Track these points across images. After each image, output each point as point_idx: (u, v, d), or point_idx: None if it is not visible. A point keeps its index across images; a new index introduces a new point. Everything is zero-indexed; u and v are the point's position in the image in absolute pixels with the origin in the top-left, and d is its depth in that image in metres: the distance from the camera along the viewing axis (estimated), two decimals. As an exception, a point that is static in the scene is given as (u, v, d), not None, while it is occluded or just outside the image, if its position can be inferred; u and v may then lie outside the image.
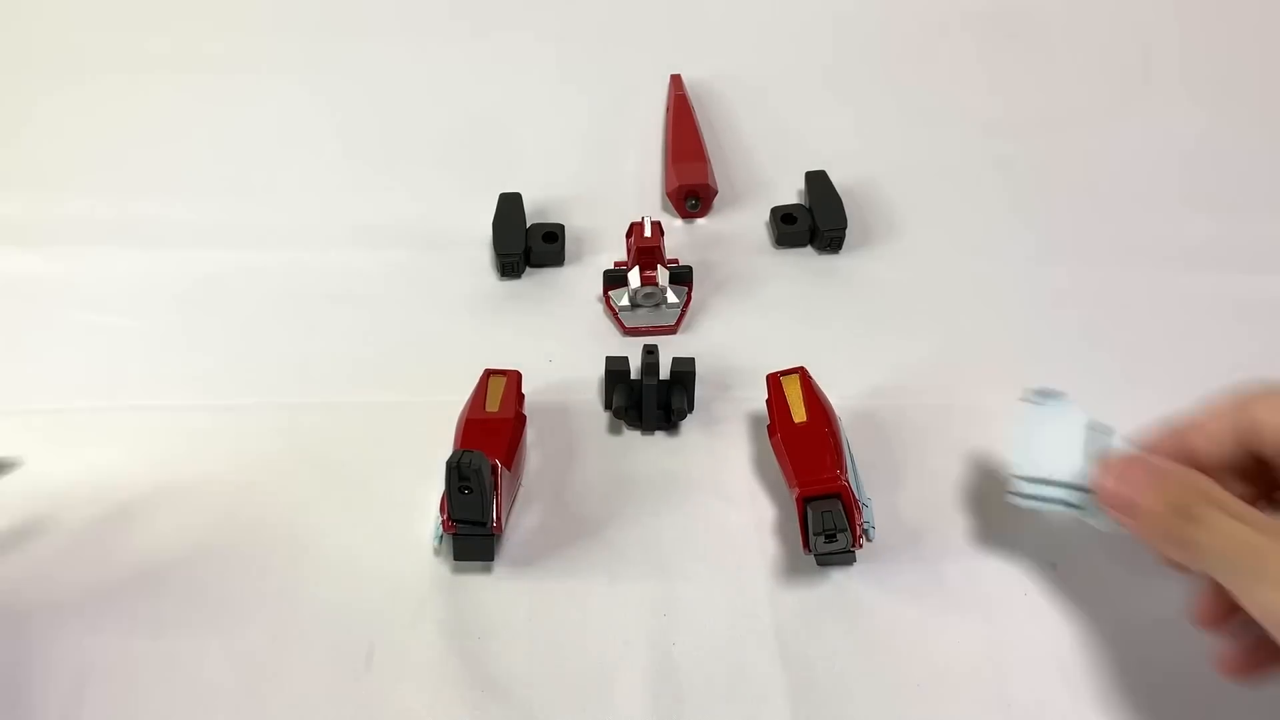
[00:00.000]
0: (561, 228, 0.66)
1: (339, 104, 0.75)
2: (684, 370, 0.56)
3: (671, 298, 0.61)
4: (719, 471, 0.56)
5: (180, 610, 0.51)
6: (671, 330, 0.62)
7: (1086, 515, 0.47)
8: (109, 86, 0.76)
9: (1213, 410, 0.43)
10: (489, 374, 0.56)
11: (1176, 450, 0.44)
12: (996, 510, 0.54)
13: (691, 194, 0.67)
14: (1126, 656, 0.50)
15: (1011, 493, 0.48)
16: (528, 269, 0.65)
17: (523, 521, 0.54)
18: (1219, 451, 0.43)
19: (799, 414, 0.53)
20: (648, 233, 0.61)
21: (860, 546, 0.51)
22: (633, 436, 0.58)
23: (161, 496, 0.55)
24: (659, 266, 0.61)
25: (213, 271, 0.65)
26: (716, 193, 0.68)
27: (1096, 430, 0.47)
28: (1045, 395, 0.50)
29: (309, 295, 0.64)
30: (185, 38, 0.79)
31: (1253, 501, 0.41)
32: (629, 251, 0.62)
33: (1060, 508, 0.47)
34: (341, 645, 0.50)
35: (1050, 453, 0.47)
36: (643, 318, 0.62)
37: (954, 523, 0.54)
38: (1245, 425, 0.42)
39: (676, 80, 0.75)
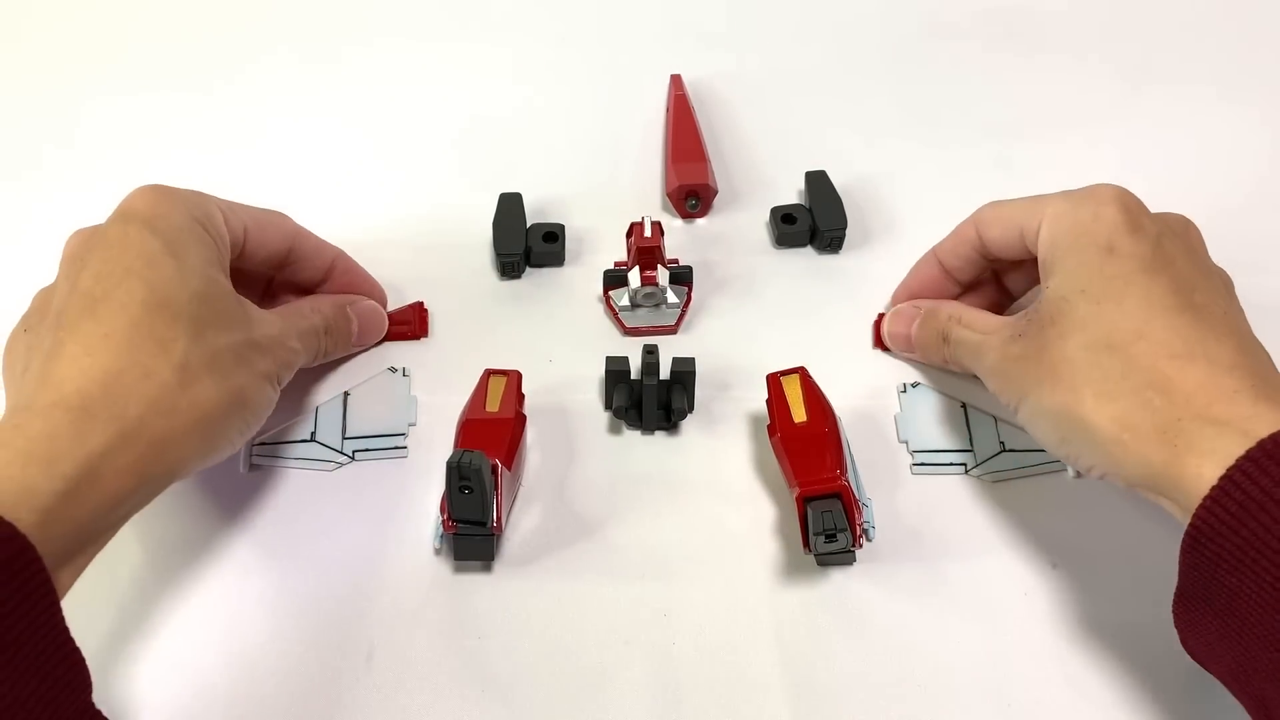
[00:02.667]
0: (561, 228, 0.66)
1: (339, 104, 0.75)
2: (684, 370, 0.56)
3: (671, 298, 0.61)
4: (719, 471, 0.56)
5: (180, 609, 0.51)
6: (671, 330, 0.62)
7: (975, 473, 0.56)
8: (109, 85, 0.76)
9: (955, 231, 0.56)
10: (489, 374, 0.56)
11: (932, 269, 0.58)
12: (996, 510, 0.54)
13: (691, 194, 0.67)
14: (1126, 656, 0.50)
15: (913, 464, 0.56)
16: (528, 269, 0.65)
17: (523, 521, 0.54)
18: (962, 264, 0.56)
19: (799, 414, 0.53)
20: (648, 233, 0.61)
21: (860, 546, 0.51)
22: (633, 436, 0.58)
23: (160, 496, 0.55)
24: (659, 266, 0.61)
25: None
26: (716, 193, 0.68)
27: (976, 412, 0.58)
28: (913, 386, 0.59)
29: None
30: (185, 37, 0.79)
31: (995, 304, 0.58)
32: (629, 251, 0.62)
33: (952, 470, 0.56)
34: (341, 645, 0.50)
35: (936, 429, 0.57)
36: (643, 318, 0.62)
37: (954, 523, 0.54)
38: (974, 235, 0.54)
39: (676, 80, 0.75)
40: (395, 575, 0.52)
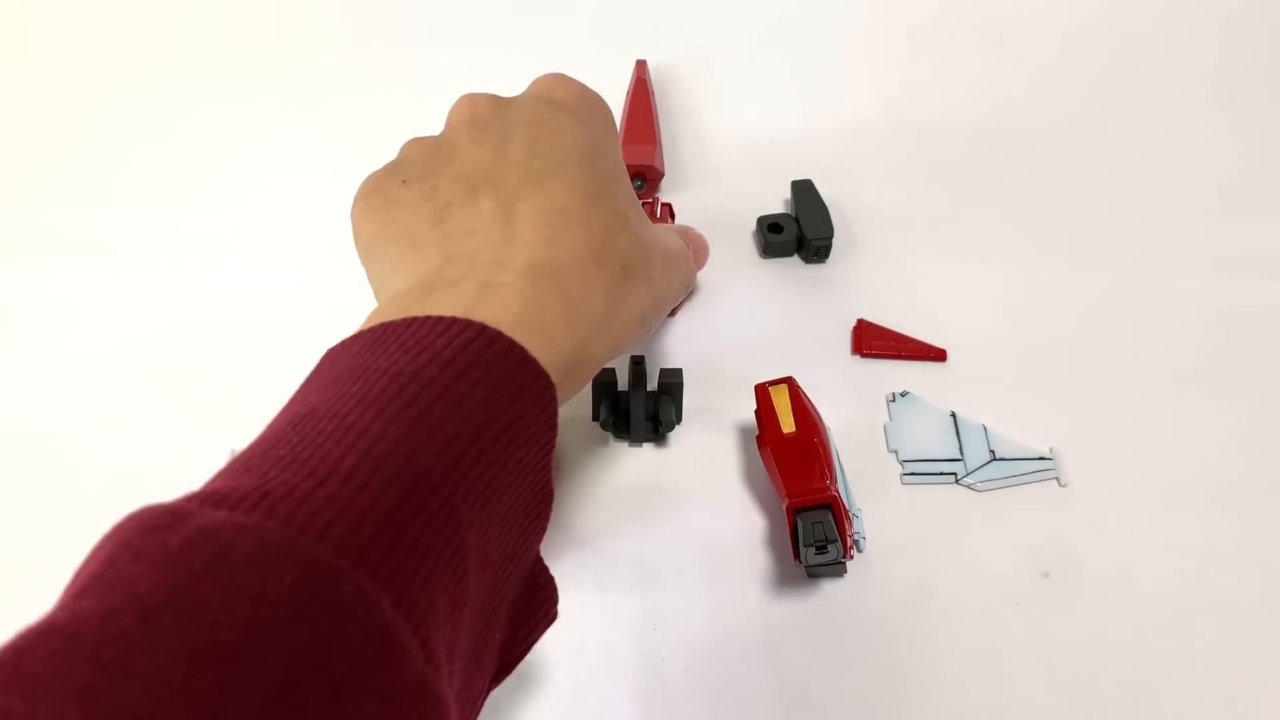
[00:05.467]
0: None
1: (332, 108, 0.74)
2: (672, 381, 0.56)
3: None
4: (708, 483, 0.56)
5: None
6: (670, 314, 0.62)
7: (965, 482, 0.55)
8: (91, 93, 0.75)
9: None
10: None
11: None
12: (987, 519, 0.54)
13: (638, 174, 0.67)
14: (1120, 665, 0.49)
15: (903, 474, 0.56)
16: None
17: (510, 535, 0.54)
18: None
19: (788, 424, 0.53)
20: (657, 213, 0.60)
21: (851, 557, 0.51)
22: (620, 448, 0.57)
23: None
24: None
25: (202, 284, 0.65)
26: (663, 176, 0.69)
27: (965, 421, 0.58)
28: (902, 395, 0.59)
29: (298, 304, 0.63)
30: (172, 42, 0.78)
31: None
32: None
33: (942, 479, 0.56)
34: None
35: (926, 438, 0.57)
36: None
37: (945, 532, 0.54)
38: None
39: (640, 65, 0.74)
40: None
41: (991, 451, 0.56)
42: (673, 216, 0.61)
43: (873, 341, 0.61)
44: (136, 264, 0.66)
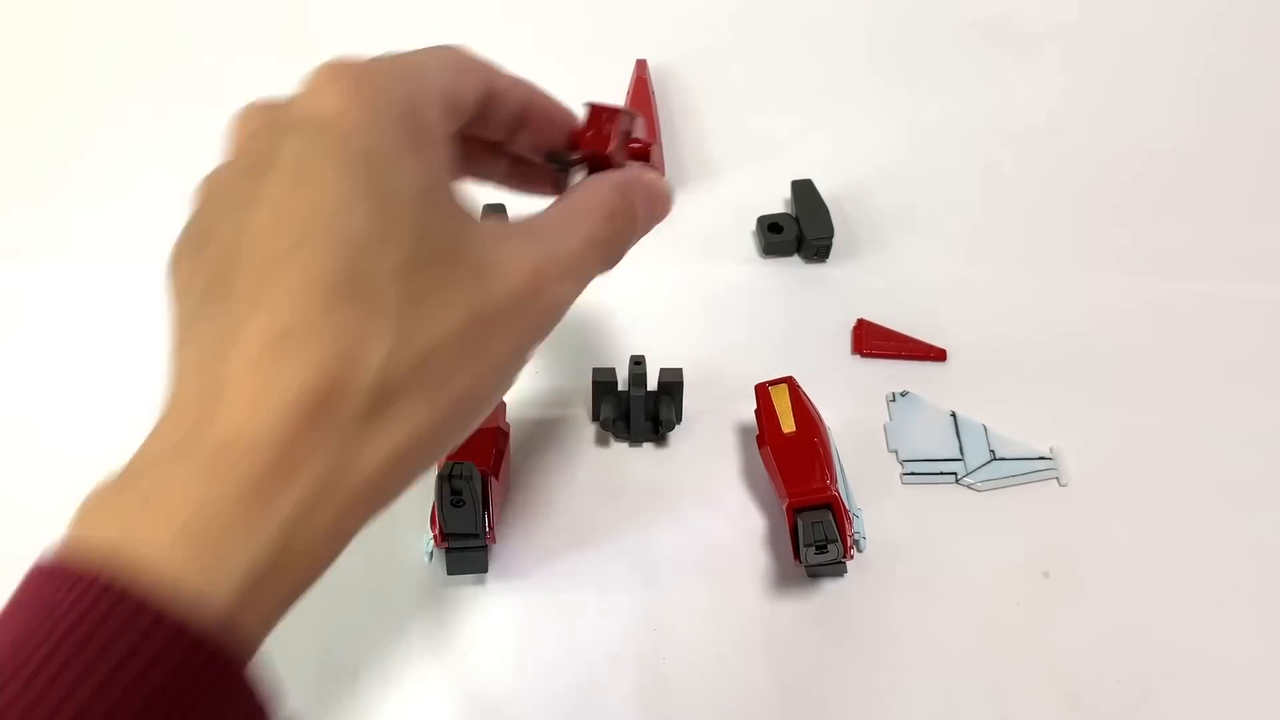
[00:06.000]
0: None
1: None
2: (672, 381, 0.56)
3: None
4: (708, 483, 0.56)
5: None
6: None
7: (965, 482, 0.55)
8: (72, 92, 0.75)
9: None
10: (473, 385, 0.55)
11: None
12: (987, 519, 0.54)
13: None
14: (1120, 665, 0.49)
15: (903, 474, 0.56)
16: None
17: (511, 534, 0.54)
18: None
19: (788, 424, 0.53)
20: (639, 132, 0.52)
21: (851, 557, 0.51)
22: (621, 448, 0.57)
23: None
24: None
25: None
26: (663, 175, 0.68)
27: (966, 420, 0.58)
28: (902, 395, 0.59)
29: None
30: (150, 41, 0.78)
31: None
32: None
33: (942, 479, 0.56)
34: (329, 660, 0.49)
35: (926, 438, 0.57)
36: None
37: (945, 532, 0.54)
38: None
39: (641, 65, 0.74)
40: (383, 590, 0.52)
41: (991, 451, 0.56)
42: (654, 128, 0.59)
43: (873, 341, 0.61)
44: (119, 266, 0.65)
